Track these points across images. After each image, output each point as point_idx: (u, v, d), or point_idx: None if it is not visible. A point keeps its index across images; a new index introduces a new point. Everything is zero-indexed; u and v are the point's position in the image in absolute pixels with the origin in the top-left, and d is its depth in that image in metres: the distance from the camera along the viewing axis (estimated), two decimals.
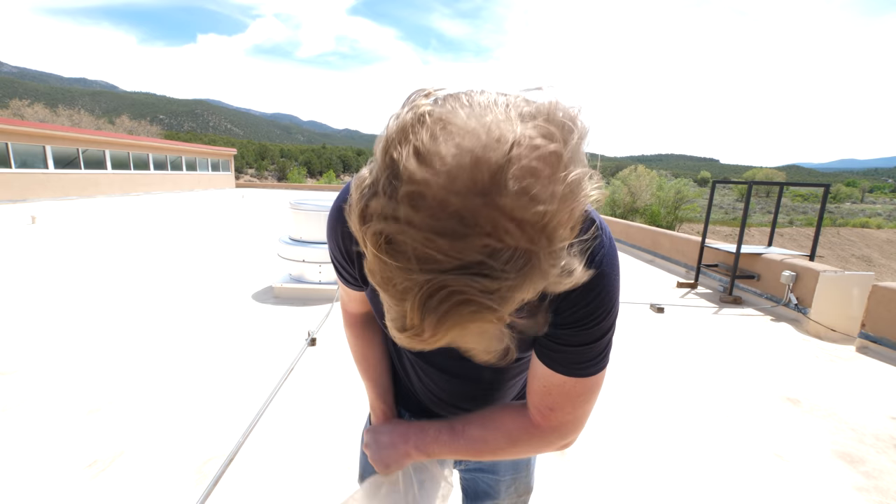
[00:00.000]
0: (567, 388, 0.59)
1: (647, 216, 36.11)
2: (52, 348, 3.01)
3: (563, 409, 0.61)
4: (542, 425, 0.64)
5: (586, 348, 0.57)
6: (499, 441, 0.66)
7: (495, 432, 0.67)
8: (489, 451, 0.68)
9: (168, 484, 1.78)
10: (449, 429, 0.69)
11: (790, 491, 1.88)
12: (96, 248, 6.68)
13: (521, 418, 0.66)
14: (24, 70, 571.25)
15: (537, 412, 0.64)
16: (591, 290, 0.54)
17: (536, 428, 0.65)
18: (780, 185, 5.39)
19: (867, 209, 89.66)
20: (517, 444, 0.66)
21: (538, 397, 0.63)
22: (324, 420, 2.28)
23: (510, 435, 0.66)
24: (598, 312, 0.55)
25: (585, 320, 0.55)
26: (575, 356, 0.57)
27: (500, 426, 0.67)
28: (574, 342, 0.56)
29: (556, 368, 0.59)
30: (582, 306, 0.54)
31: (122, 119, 44.46)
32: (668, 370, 3.03)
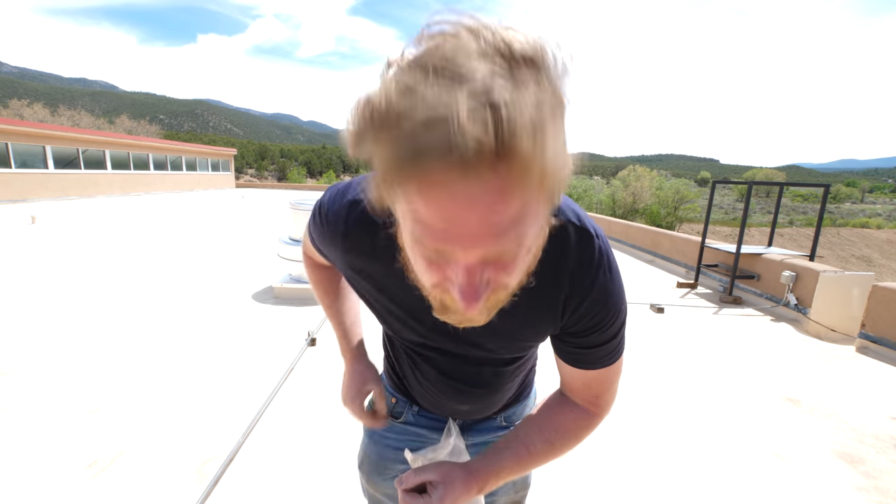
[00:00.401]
0: (603, 377, 0.67)
1: (647, 216, 36.14)
2: (52, 348, 3.01)
3: (607, 392, 0.70)
4: (595, 412, 0.71)
5: (609, 345, 0.63)
6: (567, 443, 0.70)
7: (562, 437, 0.70)
8: (556, 456, 0.70)
9: (168, 484, 1.78)
10: (514, 460, 0.67)
11: (790, 491, 1.88)
12: (96, 248, 6.68)
13: (577, 413, 0.71)
14: (24, 70, 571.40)
15: (587, 403, 0.70)
16: (600, 302, 0.59)
17: (592, 417, 0.71)
18: (780, 186, 5.39)
19: (867, 209, 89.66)
20: (581, 437, 0.71)
21: (582, 392, 0.70)
22: (324, 420, 2.28)
23: (576, 434, 0.70)
24: (611, 316, 0.61)
25: (602, 325, 0.61)
26: (602, 353, 0.64)
27: (562, 429, 0.70)
28: (598, 343, 0.63)
29: (589, 367, 0.65)
30: (596, 315, 0.60)
31: (122, 119, 44.45)
32: (668, 370, 3.03)
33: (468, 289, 0.42)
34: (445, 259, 0.41)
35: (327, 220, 0.65)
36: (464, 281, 0.42)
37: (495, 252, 0.40)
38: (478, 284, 0.42)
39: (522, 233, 0.39)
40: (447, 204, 0.36)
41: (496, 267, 0.42)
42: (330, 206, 0.65)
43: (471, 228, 0.37)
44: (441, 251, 0.40)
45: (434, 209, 0.37)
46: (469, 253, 0.39)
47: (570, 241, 0.58)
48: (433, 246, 0.39)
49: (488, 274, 0.42)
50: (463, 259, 0.40)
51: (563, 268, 0.58)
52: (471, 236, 0.38)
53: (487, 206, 0.36)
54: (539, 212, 0.41)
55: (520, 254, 0.42)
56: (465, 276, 0.41)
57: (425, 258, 0.43)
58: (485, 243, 0.38)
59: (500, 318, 0.62)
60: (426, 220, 0.38)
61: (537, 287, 0.58)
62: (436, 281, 0.44)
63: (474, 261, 0.41)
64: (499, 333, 0.65)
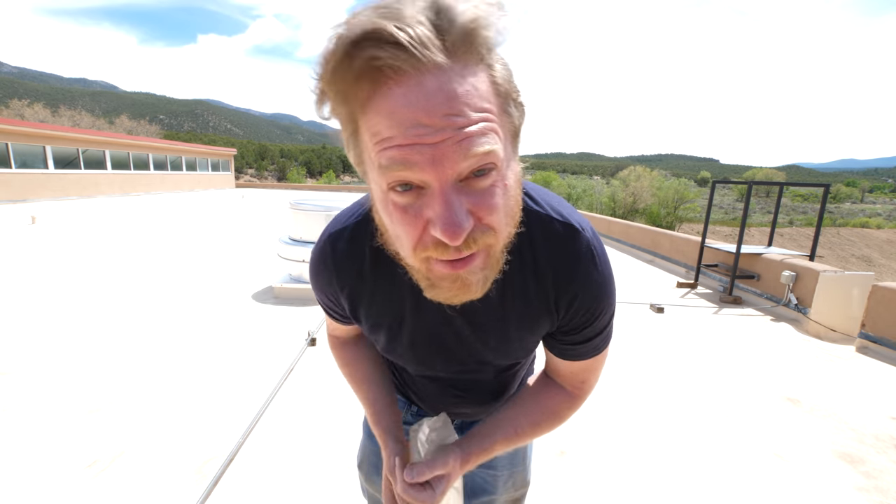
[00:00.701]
0: (590, 366, 0.69)
1: (647, 216, 36.14)
2: (53, 348, 3.01)
3: (591, 378, 0.72)
4: (579, 395, 0.74)
5: (598, 338, 0.65)
6: (552, 424, 0.73)
7: (548, 419, 0.73)
8: (541, 434, 0.73)
9: (168, 484, 1.78)
10: (504, 440, 0.70)
11: (790, 491, 1.88)
12: (96, 248, 6.68)
13: (562, 397, 0.73)
14: (24, 70, 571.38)
15: (572, 388, 0.73)
16: (592, 297, 0.60)
17: (576, 398, 0.74)
18: (780, 185, 5.39)
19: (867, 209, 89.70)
20: (565, 418, 0.74)
21: (569, 379, 0.72)
22: (324, 420, 2.28)
23: (560, 415, 0.73)
24: (601, 310, 0.61)
25: (593, 320, 0.62)
26: (591, 346, 0.65)
27: (547, 411, 0.73)
28: (588, 338, 0.64)
29: (578, 359, 0.67)
30: (587, 310, 0.61)
31: (122, 119, 44.46)
32: (668, 370, 3.02)
33: (447, 215, 0.39)
34: (420, 198, 0.41)
35: (315, 263, 0.66)
36: (441, 209, 0.40)
37: (466, 166, 0.39)
38: (457, 212, 0.40)
39: (488, 145, 0.39)
40: (405, 105, 0.37)
41: (473, 198, 0.41)
42: (315, 251, 0.66)
43: (434, 125, 0.37)
44: (410, 176, 0.39)
45: (394, 115, 0.37)
46: (439, 169, 0.39)
47: (557, 236, 0.57)
48: (400, 161, 0.38)
49: (467, 204, 0.41)
50: (436, 184, 0.39)
51: (552, 264, 0.58)
52: (435, 138, 0.37)
53: (445, 100, 0.37)
54: (502, 131, 0.42)
55: (496, 185, 0.42)
56: (442, 203, 0.40)
57: (400, 209, 0.42)
58: (451, 149, 0.38)
59: (495, 320, 0.62)
60: (389, 134, 0.38)
61: (527, 284, 0.59)
62: (416, 237, 0.43)
63: (448, 185, 0.40)
64: (496, 339, 0.64)
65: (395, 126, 0.37)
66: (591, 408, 2.47)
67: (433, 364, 0.70)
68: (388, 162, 0.39)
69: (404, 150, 0.38)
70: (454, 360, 0.69)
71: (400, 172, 0.39)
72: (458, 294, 0.48)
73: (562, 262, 0.57)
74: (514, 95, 0.44)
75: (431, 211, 0.41)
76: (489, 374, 0.75)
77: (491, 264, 0.47)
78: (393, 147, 0.38)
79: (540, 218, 0.58)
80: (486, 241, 0.44)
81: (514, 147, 0.46)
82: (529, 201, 0.59)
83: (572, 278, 0.58)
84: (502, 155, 0.41)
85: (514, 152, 0.46)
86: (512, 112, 0.44)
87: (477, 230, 0.42)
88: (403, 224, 0.43)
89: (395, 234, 0.45)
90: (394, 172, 0.39)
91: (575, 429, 2.27)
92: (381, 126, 0.38)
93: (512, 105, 0.43)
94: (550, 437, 2.18)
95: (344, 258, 0.62)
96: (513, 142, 0.45)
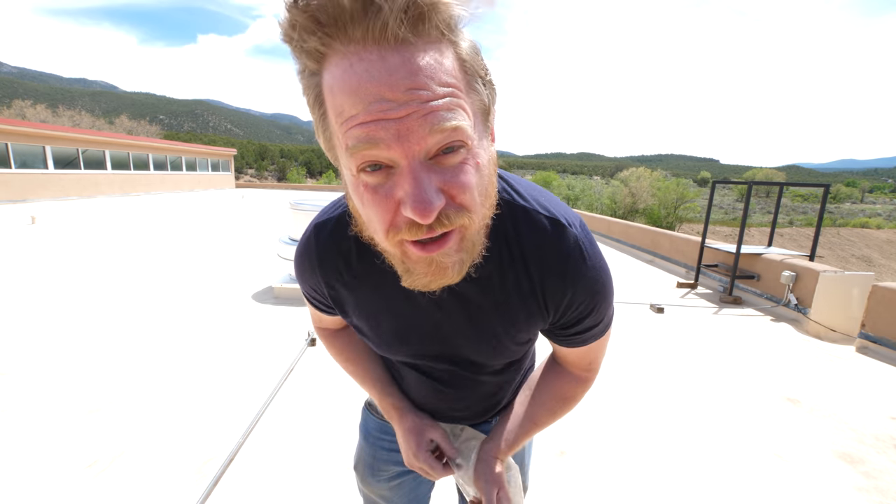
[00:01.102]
0: (595, 347, 0.70)
1: (646, 216, 36.16)
2: (53, 348, 3.01)
3: (598, 357, 0.73)
4: (588, 377, 0.75)
5: (600, 325, 0.65)
6: (566, 409, 0.75)
7: (562, 406, 0.75)
8: (557, 419, 0.76)
9: (168, 484, 1.78)
10: (524, 433, 0.75)
11: (790, 491, 1.88)
12: (96, 248, 6.68)
13: (574, 383, 0.75)
14: (23, 70, 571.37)
15: (581, 371, 0.74)
16: (585, 290, 0.59)
17: (586, 381, 0.75)
18: (780, 186, 5.39)
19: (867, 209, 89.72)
20: (578, 401, 0.76)
21: (577, 363, 0.73)
22: (324, 420, 2.28)
23: (574, 399, 0.75)
24: (597, 301, 0.61)
25: (591, 312, 0.62)
26: (594, 332, 0.66)
27: (561, 399, 0.75)
28: (590, 327, 0.64)
29: (583, 345, 0.68)
30: (582, 304, 0.60)
31: (122, 119, 44.48)
32: (668, 370, 3.02)
33: (416, 193, 0.39)
34: (389, 178, 0.41)
35: (300, 254, 0.66)
36: (410, 187, 0.39)
37: (433, 142, 0.39)
38: (427, 189, 0.39)
39: (455, 121, 0.39)
40: (368, 80, 0.37)
41: (443, 175, 0.41)
42: (300, 242, 0.66)
43: (397, 99, 0.37)
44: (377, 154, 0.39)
45: (357, 92, 0.37)
46: (405, 144, 0.38)
47: (544, 232, 0.57)
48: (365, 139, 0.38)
49: (437, 182, 0.40)
50: (404, 161, 0.39)
51: (539, 260, 0.57)
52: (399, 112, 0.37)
53: (408, 74, 0.37)
54: (470, 108, 0.41)
55: (467, 162, 0.42)
56: (411, 181, 0.39)
57: (370, 190, 0.41)
58: (416, 123, 0.37)
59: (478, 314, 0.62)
60: (353, 111, 0.38)
61: (517, 279, 0.59)
62: (388, 219, 0.42)
63: (416, 161, 0.39)
64: (483, 333, 0.64)
65: (359, 102, 0.37)
66: (590, 408, 2.47)
67: (419, 354, 0.69)
68: (354, 141, 0.39)
69: (369, 126, 0.38)
70: (444, 357, 0.69)
71: (367, 151, 0.39)
72: (434, 279, 0.47)
73: (549, 259, 0.57)
74: (482, 73, 0.43)
75: (401, 190, 0.40)
76: (482, 378, 0.75)
77: (466, 247, 0.47)
78: (357, 125, 0.38)
79: (526, 212, 0.57)
80: (460, 220, 0.43)
81: (486, 126, 0.46)
82: (515, 195, 0.58)
83: (562, 276, 0.57)
84: (471, 132, 0.41)
85: (486, 131, 0.46)
86: (480, 89, 0.43)
87: (450, 209, 0.42)
88: (374, 205, 0.42)
89: (368, 217, 0.45)
90: (361, 152, 0.39)
91: (575, 429, 2.27)
92: (345, 104, 0.38)
93: (480, 83, 0.43)
94: (550, 437, 2.18)
95: (327, 248, 0.62)
96: (483, 120, 0.45)
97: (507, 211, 0.57)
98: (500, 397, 0.81)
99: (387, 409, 0.79)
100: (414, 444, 0.74)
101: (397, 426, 0.78)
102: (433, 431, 0.76)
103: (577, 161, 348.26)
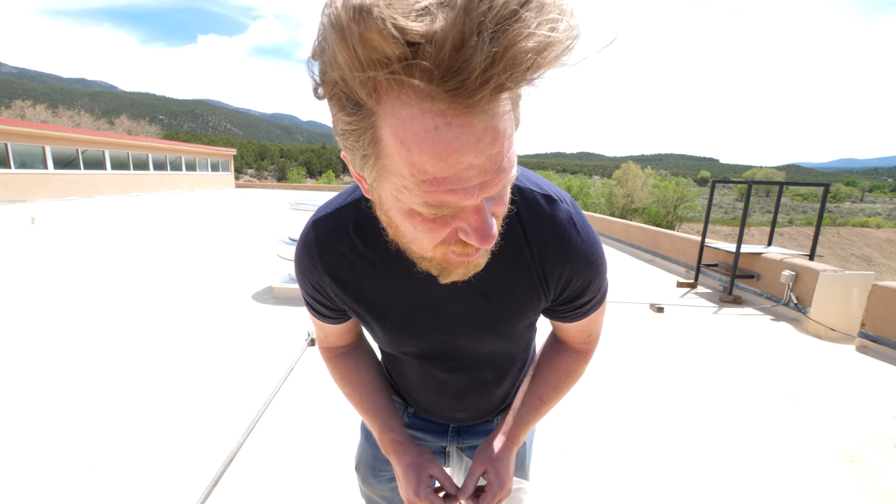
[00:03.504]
0: (593, 320, 0.73)
1: (646, 215, 36.13)
2: (52, 348, 3.01)
3: (596, 329, 0.76)
4: (588, 349, 0.78)
5: (595, 298, 0.68)
6: (570, 383, 0.78)
7: (566, 380, 0.77)
8: (563, 395, 0.79)
9: (168, 484, 1.78)
10: (533, 412, 0.77)
11: (790, 490, 1.88)
12: (96, 248, 6.68)
13: (574, 357, 0.78)
14: (23, 70, 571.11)
15: (581, 344, 0.77)
16: (582, 263, 0.62)
17: (586, 353, 0.78)
18: (779, 185, 5.39)
19: (867, 209, 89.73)
20: (579, 374, 0.78)
21: (576, 337, 0.76)
22: (323, 420, 2.28)
23: (577, 373, 0.78)
24: (592, 274, 0.64)
25: (588, 286, 0.65)
26: (589, 305, 0.69)
27: (564, 374, 0.77)
28: (586, 301, 0.67)
29: (581, 318, 0.70)
30: (580, 277, 0.63)
31: (122, 119, 44.50)
32: (668, 370, 3.02)
33: (484, 229, 0.42)
34: (450, 211, 0.41)
35: (300, 251, 0.66)
36: (478, 223, 0.42)
37: (497, 191, 0.40)
38: (491, 224, 0.42)
39: (512, 164, 0.40)
40: (458, 149, 0.35)
41: (496, 202, 0.43)
42: (299, 240, 0.66)
43: (481, 165, 0.36)
44: (444, 204, 0.39)
45: (444, 158, 0.35)
46: (480, 195, 0.39)
47: (539, 207, 0.59)
48: (454, 204, 0.39)
49: (492, 208, 0.43)
50: (472, 203, 0.40)
51: (535, 235, 0.60)
52: (482, 178, 0.37)
53: (492, 141, 0.36)
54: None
55: (510, 185, 0.44)
56: (478, 219, 0.42)
57: (429, 221, 0.42)
58: (491, 186, 0.39)
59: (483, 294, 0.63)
60: (441, 175, 0.36)
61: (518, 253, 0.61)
62: (442, 238, 0.44)
63: (481, 202, 0.41)
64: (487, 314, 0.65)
65: (447, 169, 0.36)
66: (590, 408, 2.47)
67: (425, 343, 0.70)
68: (439, 204, 0.39)
69: (457, 194, 0.38)
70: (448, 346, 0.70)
71: (445, 209, 0.40)
72: (467, 273, 0.51)
73: (546, 233, 0.59)
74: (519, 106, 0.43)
75: (464, 222, 0.42)
76: (485, 373, 0.75)
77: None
78: (445, 191, 0.37)
79: (521, 191, 0.60)
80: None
81: None
82: None
83: (559, 250, 0.60)
84: None
85: None
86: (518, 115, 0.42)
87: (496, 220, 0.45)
88: (429, 232, 0.43)
89: (415, 237, 0.45)
90: (442, 211, 0.40)
91: (575, 429, 2.27)
92: (427, 165, 0.36)
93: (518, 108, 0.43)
94: (550, 437, 2.18)
95: (328, 242, 0.62)
96: None
97: None
98: (500, 396, 0.81)
99: (386, 444, 0.77)
100: (414, 481, 0.72)
101: (397, 462, 0.75)
102: (433, 468, 0.74)
103: (576, 161, 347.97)
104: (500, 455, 0.73)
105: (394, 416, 0.79)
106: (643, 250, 7.57)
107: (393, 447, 0.75)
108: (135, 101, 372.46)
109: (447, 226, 0.43)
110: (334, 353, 0.81)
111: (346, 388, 0.81)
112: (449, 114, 0.33)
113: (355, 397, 0.80)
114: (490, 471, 0.71)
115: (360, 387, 0.80)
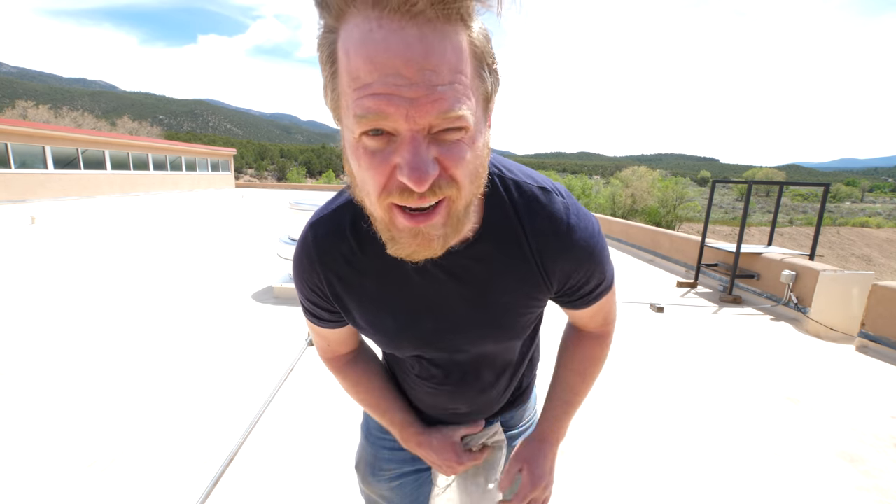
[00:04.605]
0: (605, 303, 0.73)
1: (646, 215, 36.13)
2: (52, 348, 3.01)
3: (611, 313, 0.77)
4: (607, 332, 0.79)
5: (603, 283, 0.69)
6: (597, 368, 0.80)
7: (592, 366, 0.79)
8: (591, 382, 0.80)
9: (168, 484, 1.78)
10: (565, 407, 0.79)
11: (790, 490, 1.88)
12: (96, 248, 6.68)
13: (595, 342, 0.79)
14: (23, 70, 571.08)
15: (598, 328, 0.78)
16: (583, 254, 0.62)
17: (605, 336, 0.79)
18: (779, 185, 5.39)
19: (867, 208, 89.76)
20: (603, 357, 0.79)
21: (592, 321, 0.76)
22: (324, 420, 2.28)
23: (601, 357, 0.79)
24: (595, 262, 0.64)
25: (592, 274, 0.65)
26: (599, 290, 0.69)
27: (589, 361, 0.79)
28: (594, 287, 0.68)
29: (593, 303, 0.71)
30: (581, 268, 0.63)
31: (124, 120, 44.53)
32: (668, 370, 3.03)
33: (415, 161, 0.40)
34: (389, 144, 0.42)
35: (298, 253, 0.66)
36: (409, 155, 0.41)
37: (437, 124, 0.40)
38: (424, 159, 0.41)
39: (461, 110, 0.40)
40: (386, 50, 0.37)
41: (441, 148, 0.42)
42: (298, 243, 0.66)
43: (411, 78, 0.38)
44: (383, 125, 0.40)
45: (374, 60, 0.38)
46: (412, 122, 0.40)
47: (535, 199, 0.60)
48: (376, 111, 0.39)
49: (434, 153, 0.42)
50: (407, 134, 0.40)
51: (533, 228, 0.59)
52: (411, 92, 0.38)
53: (424, 53, 0.38)
54: (473, 91, 0.42)
55: (464, 141, 0.43)
56: (411, 150, 0.41)
57: (369, 153, 0.42)
58: (425, 108, 0.39)
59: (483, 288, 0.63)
60: (368, 80, 0.39)
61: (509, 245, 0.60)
62: (382, 182, 0.43)
63: (418, 134, 0.41)
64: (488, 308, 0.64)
65: (375, 72, 0.38)
66: (590, 407, 2.47)
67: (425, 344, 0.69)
68: (364, 111, 0.40)
69: (380, 99, 0.39)
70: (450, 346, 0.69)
71: (375, 121, 0.40)
72: (418, 249, 0.48)
73: (543, 224, 0.59)
74: (490, 61, 0.44)
75: (399, 157, 0.41)
76: (484, 373, 0.75)
77: (452, 223, 0.48)
78: (370, 95, 0.39)
79: (517, 184, 0.60)
80: (449, 191, 0.44)
81: (486, 113, 0.47)
82: (505, 171, 0.61)
83: (557, 243, 0.60)
84: (472, 119, 0.42)
85: (485, 118, 0.47)
86: (486, 77, 0.44)
87: (442, 179, 0.43)
88: (371, 168, 0.43)
89: (362, 179, 0.46)
90: (369, 121, 0.40)
91: (575, 428, 2.27)
92: (361, 70, 0.39)
93: (486, 70, 0.44)
94: None
95: (326, 242, 0.62)
96: (484, 107, 0.46)
97: (500, 184, 0.60)
98: (501, 394, 0.81)
99: (409, 440, 0.80)
100: (453, 457, 0.78)
101: (426, 453, 0.79)
102: (455, 434, 0.80)
103: (576, 161, 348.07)
104: (535, 455, 0.77)
105: (410, 412, 0.82)
106: (643, 250, 7.57)
107: (417, 440, 0.79)
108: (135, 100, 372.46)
109: (386, 162, 0.42)
110: (341, 362, 0.82)
111: (359, 395, 0.82)
112: (384, 19, 0.37)
113: (370, 402, 0.82)
114: (525, 470, 0.76)
115: (374, 391, 0.81)
